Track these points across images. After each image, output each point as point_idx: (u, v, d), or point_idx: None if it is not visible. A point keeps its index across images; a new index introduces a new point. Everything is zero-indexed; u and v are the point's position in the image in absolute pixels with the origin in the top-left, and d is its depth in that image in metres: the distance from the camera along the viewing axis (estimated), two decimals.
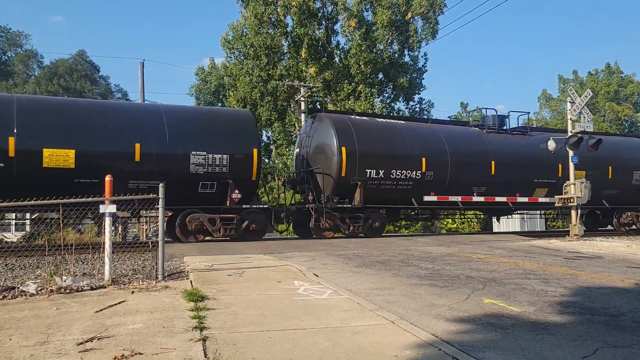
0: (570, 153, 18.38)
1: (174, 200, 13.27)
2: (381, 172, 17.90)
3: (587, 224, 23.07)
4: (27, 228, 18.48)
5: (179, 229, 15.34)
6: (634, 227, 22.45)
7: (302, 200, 19.10)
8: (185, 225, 15.36)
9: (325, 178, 17.69)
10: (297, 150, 20.12)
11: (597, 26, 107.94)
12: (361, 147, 17.74)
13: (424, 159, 18.54)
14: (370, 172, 17.72)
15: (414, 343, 4.86)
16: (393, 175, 18.07)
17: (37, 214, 14.16)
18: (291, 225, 19.90)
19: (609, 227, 23.53)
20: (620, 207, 22.41)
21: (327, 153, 17.86)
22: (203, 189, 15.58)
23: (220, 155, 15.60)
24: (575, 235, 17.78)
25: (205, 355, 4.44)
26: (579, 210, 18.47)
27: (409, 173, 18.28)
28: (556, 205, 19.14)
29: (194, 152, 15.31)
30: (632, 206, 22.46)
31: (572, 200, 18.22)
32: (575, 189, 18.16)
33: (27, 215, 16.12)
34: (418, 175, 18.42)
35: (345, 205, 17.62)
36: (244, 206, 16.13)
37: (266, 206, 17.61)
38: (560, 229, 27.42)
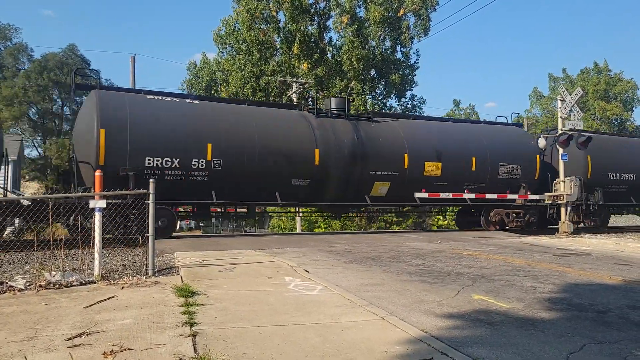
0: (560, 151, 18.49)
1: None
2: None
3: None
4: (16, 223, 18.34)
5: None
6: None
7: None
8: None
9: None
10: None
11: (586, 25, 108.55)
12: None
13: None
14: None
15: (403, 339, 4.88)
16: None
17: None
18: None
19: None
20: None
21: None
22: None
23: None
24: (565, 232, 17.90)
25: (195, 351, 4.44)
26: (568, 208, 18.58)
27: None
28: (546, 202, 19.25)
29: None
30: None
31: (561, 197, 18.34)
32: (565, 186, 18.28)
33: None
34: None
35: None
36: None
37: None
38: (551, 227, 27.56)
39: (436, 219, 35.06)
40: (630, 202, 22.37)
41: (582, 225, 20.79)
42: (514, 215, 19.28)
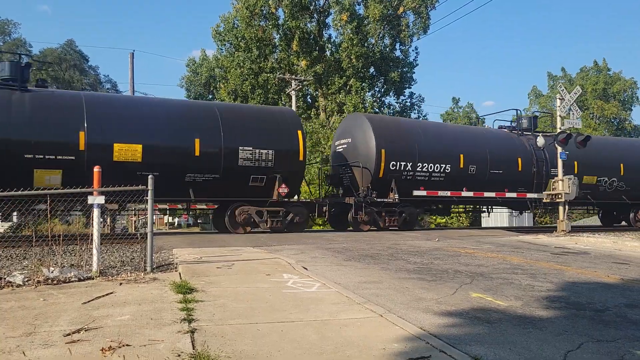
0: (559, 149, 18.51)
1: None
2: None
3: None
4: (14, 219, 18.33)
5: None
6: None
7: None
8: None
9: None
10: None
11: (586, 24, 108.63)
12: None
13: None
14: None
15: (402, 336, 4.88)
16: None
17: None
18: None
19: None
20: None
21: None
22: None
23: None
24: (563, 231, 17.93)
25: (194, 347, 4.44)
26: (567, 206, 18.61)
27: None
28: (544, 201, 19.29)
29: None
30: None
31: (559, 196, 18.37)
32: (564, 185, 18.31)
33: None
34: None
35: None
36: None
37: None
38: (548, 225, 27.65)
39: (434, 217, 35.11)
40: None
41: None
42: None
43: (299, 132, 16.89)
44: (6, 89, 13.84)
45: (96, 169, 8.39)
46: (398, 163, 18.23)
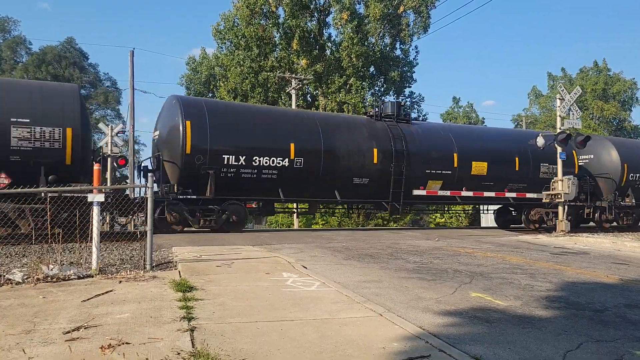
0: (559, 149, 18.51)
1: None
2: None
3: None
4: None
5: None
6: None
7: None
8: None
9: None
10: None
11: (587, 24, 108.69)
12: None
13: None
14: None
15: (401, 335, 4.89)
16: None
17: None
18: None
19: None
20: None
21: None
22: None
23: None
24: (562, 231, 17.94)
25: (193, 346, 4.44)
26: (566, 207, 18.62)
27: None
28: (544, 201, 19.29)
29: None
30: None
31: (559, 196, 18.37)
32: (563, 185, 18.32)
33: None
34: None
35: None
36: None
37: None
38: (547, 225, 27.62)
39: (433, 217, 35.12)
40: None
41: None
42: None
43: None
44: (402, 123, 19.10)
45: (96, 167, 8.39)
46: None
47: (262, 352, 4.34)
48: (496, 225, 23.76)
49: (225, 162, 15.35)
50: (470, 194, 19.35)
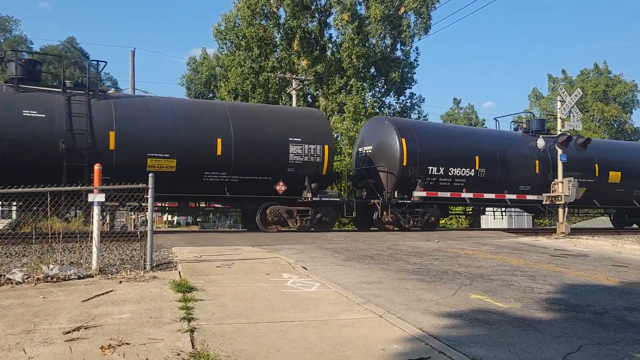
0: (559, 152, 18.51)
1: None
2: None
3: None
4: (14, 215, 18.33)
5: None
6: None
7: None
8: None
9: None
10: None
11: (587, 26, 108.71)
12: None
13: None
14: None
15: (401, 337, 4.89)
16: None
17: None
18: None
19: None
20: None
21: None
22: None
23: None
24: (562, 233, 17.94)
25: (193, 346, 4.44)
26: (566, 209, 18.62)
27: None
28: (544, 203, 19.29)
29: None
30: None
31: (559, 198, 18.37)
32: (563, 187, 18.31)
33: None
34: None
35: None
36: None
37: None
38: (547, 227, 27.66)
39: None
40: None
41: None
42: None
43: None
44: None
45: (96, 166, 8.39)
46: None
47: (262, 353, 4.34)
48: (496, 227, 23.85)
49: (429, 173, 18.66)
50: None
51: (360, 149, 20.33)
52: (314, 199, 16.56)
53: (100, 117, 14.27)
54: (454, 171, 19.01)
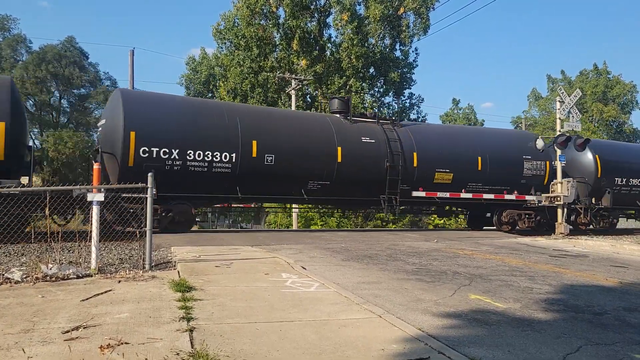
0: (558, 152, 18.52)
1: None
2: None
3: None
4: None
5: None
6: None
7: None
8: None
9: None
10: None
11: (587, 26, 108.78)
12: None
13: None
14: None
15: (400, 337, 4.89)
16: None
17: None
18: None
19: None
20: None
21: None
22: None
23: None
24: (561, 233, 17.94)
25: (192, 346, 4.43)
26: (565, 209, 18.63)
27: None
28: (543, 203, 19.29)
29: None
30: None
31: (558, 199, 18.37)
32: (562, 187, 18.32)
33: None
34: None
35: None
36: None
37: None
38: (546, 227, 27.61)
39: (432, 218, 35.07)
40: None
41: None
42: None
43: None
44: None
45: (96, 166, 8.38)
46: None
47: (262, 352, 4.33)
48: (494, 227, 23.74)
49: (615, 183, 20.93)
50: None
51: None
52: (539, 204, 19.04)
53: (406, 141, 17.57)
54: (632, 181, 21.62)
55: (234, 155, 14.99)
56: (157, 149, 14.05)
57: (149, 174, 8.47)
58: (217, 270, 8.31)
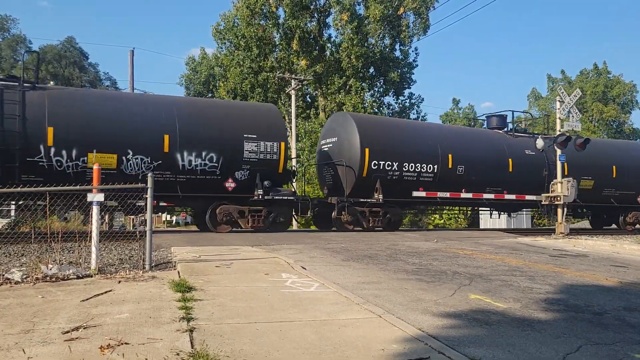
0: (558, 152, 18.52)
1: None
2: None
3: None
4: (12, 214, 18.29)
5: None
6: None
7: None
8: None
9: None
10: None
11: (587, 26, 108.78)
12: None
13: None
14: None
15: (400, 337, 4.88)
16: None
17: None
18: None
19: None
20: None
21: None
22: None
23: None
24: (561, 233, 17.94)
25: (192, 346, 4.43)
26: (565, 209, 18.63)
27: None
28: (542, 203, 19.30)
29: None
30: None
31: (558, 198, 18.38)
32: (562, 187, 18.32)
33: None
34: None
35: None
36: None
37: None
38: (546, 227, 27.67)
39: (432, 218, 35.11)
40: None
41: None
42: None
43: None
44: None
45: (95, 166, 8.38)
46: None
47: (262, 353, 4.33)
48: (494, 227, 23.83)
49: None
50: None
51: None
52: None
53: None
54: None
55: (435, 166, 18.59)
56: (383, 162, 17.76)
57: (149, 175, 8.47)
58: (217, 271, 8.31)
